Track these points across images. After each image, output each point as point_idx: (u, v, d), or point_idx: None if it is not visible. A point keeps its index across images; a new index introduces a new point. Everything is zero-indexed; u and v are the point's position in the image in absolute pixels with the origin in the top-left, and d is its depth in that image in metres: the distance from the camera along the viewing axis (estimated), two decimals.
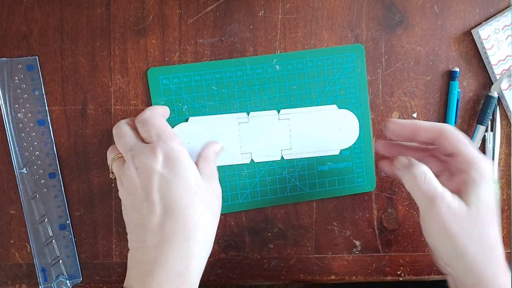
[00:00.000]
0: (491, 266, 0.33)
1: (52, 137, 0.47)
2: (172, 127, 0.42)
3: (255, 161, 0.46)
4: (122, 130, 0.38)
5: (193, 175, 0.35)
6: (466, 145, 0.35)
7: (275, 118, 0.46)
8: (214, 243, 0.38)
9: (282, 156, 0.47)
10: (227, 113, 0.46)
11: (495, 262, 0.33)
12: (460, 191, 0.34)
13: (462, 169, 0.35)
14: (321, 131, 0.46)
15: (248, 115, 0.46)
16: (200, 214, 0.34)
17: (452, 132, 0.36)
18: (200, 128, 0.45)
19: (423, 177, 0.35)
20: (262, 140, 0.46)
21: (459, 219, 0.32)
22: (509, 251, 0.51)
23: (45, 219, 0.47)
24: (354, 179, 0.49)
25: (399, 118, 0.49)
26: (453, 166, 0.36)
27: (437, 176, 0.36)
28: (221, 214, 0.48)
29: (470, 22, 0.48)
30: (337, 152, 0.47)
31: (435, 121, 0.49)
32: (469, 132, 0.50)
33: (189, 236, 0.33)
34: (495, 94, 0.48)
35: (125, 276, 0.35)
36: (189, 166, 0.35)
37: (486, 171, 0.34)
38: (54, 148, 0.47)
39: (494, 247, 0.33)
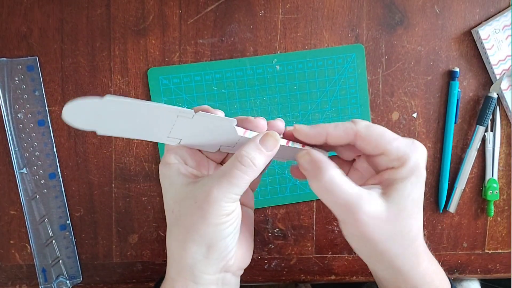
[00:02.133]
0: (412, 257, 0.31)
1: (52, 138, 0.47)
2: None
3: (183, 143, 0.31)
4: None
5: (169, 194, 0.31)
6: (390, 142, 0.29)
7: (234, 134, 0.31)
8: None
9: (219, 149, 0.32)
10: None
11: (415, 253, 0.31)
12: (381, 185, 0.30)
13: (388, 167, 0.30)
14: None
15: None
16: (172, 227, 0.32)
17: (368, 133, 0.30)
18: (117, 114, 0.27)
19: (332, 184, 0.29)
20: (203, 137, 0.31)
21: (379, 223, 0.29)
22: (509, 251, 0.51)
23: (45, 220, 0.47)
24: None
25: (399, 118, 0.49)
26: (377, 163, 0.31)
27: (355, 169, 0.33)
28: None
29: (470, 22, 0.48)
30: None
31: (436, 121, 0.49)
32: (469, 132, 0.50)
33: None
34: (494, 94, 0.48)
35: (125, 275, 0.35)
36: (168, 184, 0.31)
37: (417, 162, 0.30)
38: (54, 149, 0.47)
39: (415, 238, 0.30)
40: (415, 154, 0.30)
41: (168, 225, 0.32)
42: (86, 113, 0.27)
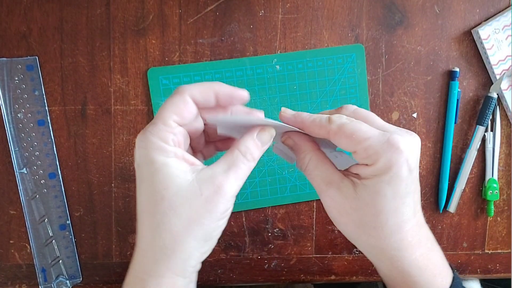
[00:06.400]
0: (390, 250, 0.31)
1: (52, 137, 0.47)
2: None
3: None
4: None
5: (161, 179, 0.28)
6: (361, 142, 0.29)
7: None
8: None
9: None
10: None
11: (396, 247, 0.30)
12: (358, 177, 0.31)
13: (362, 163, 0.30)
14: None
15: None
16: (167, 219, 0.28)
17: (340, 133, 0.30)
18: None
19: (307, 165, 0.32)
20: None
21: (344, 209, 0.30)
22: (509, 251, 0.51)
23: (45, 219, 0.47)
24: None
25: (399, 118, 0.49)
26: (355, 156, 0.31)
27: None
28: None
29: (470, 22, 0.48)
30: None
31: (436, 121, 0.49)
32: (469, 132, 0.50)
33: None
34: (494, 94, 0.48)
35: (124, 275, 0.35)
36: (159, 167, 0.28)
37: (391, 162, 0.28)
38: (54, 148, 0.47)
39: (393, 232, 0.30)
40: (387, 154, 0.28)
41: (150, 213, 0.29)
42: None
